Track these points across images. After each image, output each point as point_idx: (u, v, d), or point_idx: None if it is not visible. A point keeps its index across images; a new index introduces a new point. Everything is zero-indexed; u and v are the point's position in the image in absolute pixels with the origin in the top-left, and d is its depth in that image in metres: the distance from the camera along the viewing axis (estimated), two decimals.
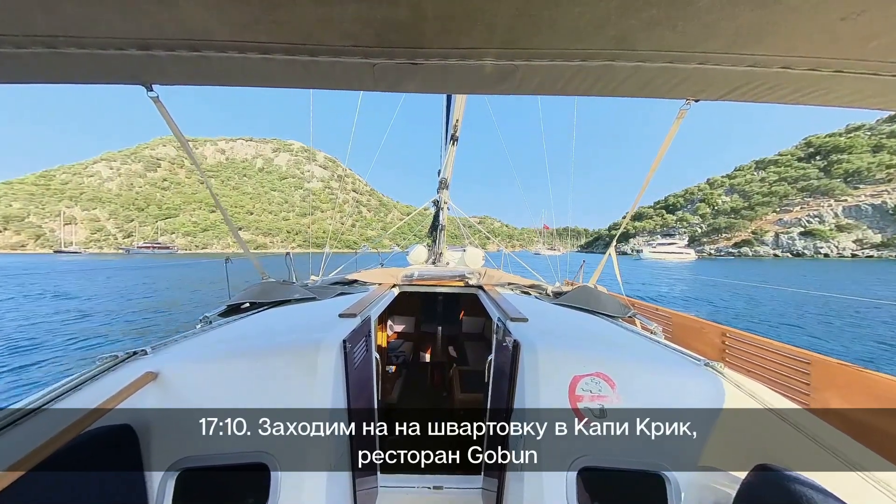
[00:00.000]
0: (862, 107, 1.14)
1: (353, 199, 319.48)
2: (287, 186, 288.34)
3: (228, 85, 1.15)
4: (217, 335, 1.91)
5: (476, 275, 4.04)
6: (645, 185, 2.77)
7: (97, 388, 1.33)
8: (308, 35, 0.91)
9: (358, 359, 1.83)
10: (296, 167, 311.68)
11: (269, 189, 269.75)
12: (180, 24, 0.88)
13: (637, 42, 0.92)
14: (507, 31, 0.91)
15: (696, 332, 3.37)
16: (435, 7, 0.81)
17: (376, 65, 1.00)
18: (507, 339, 1.82)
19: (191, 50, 0.96)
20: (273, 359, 1.57)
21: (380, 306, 2.73)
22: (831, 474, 1.07)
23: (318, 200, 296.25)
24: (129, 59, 0.99)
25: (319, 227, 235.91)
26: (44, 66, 0.99)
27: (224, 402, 1.41)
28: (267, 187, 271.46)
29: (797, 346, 2.56)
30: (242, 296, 2.69)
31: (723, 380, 1.53)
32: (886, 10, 0.76)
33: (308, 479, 1.40)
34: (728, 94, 1.14)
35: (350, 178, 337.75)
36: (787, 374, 2.45)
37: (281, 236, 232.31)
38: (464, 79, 1.08)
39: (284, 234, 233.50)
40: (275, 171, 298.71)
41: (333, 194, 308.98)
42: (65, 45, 0.90)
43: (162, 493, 1.33)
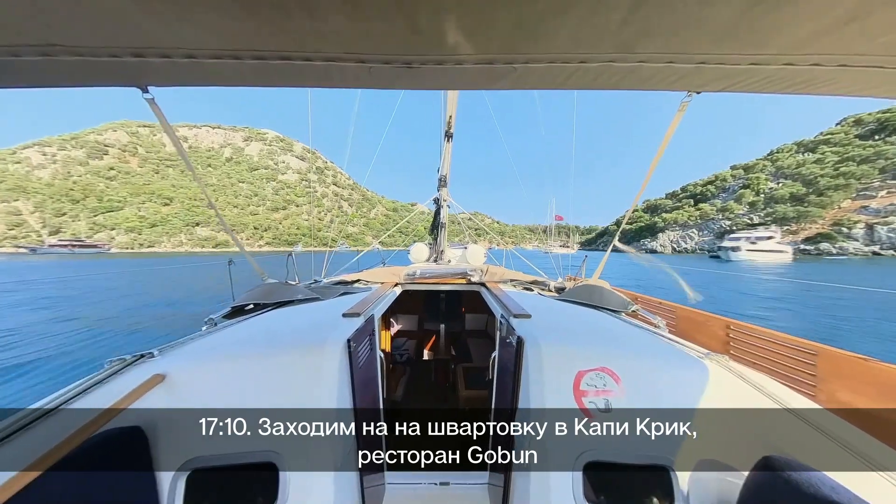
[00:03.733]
0: (867, 96, 1.14)
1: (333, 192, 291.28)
2: (258, 178, 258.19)
3: (224, 85, 1.15)
4: (223, 337, 1.93)
5: (478, 272, 3.97)
6: (647, 178, 2.68)
7: (106, 390, 1.35)
8: (303, 44, 0.91)
9: (362, 357, 1.84)
10: (269, 157, 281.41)
11: (237, 180, 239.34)
12: (174, 34, 0.88)
13: (638, 45, 0.91)
14: (504, 42, 0.91)
15: (701, 324, 3.33)
16: (429, 21, 0.81)
17: (372, 67, 1.01)
18: (510, 336, 1.82)
19: (186, 57, 0.95)
20: (279, 359, 1.58)
21: (383, 305, 2.77)
22: (838, 465, 1.07)
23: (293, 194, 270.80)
24: (124, 64, 0.98)
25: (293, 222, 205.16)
26: (37, 71, 0.98)
27: (231, 403, 1.43)
28: (234, 178, 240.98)
29: (803, 337, 2.52)
30: (246, 297, 2.70)
31: (727, 372, 1.54)
32: (893, 7, 0.75)
33: (316, 478, 1.41)
34: (730, 87, 1.14)
35: (331, 171, 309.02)
36: (793, 365, 2.43)
37: (247, 232, 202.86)
38: (460, 77, 1.08)
39: (251, 230, 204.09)
40: (245, 162, 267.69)
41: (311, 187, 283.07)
42: (59, 52, 0.90)
43: (173, 494, 1.34)
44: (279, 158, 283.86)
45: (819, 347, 2.28)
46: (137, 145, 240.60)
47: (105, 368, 1.48)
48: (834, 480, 0.97)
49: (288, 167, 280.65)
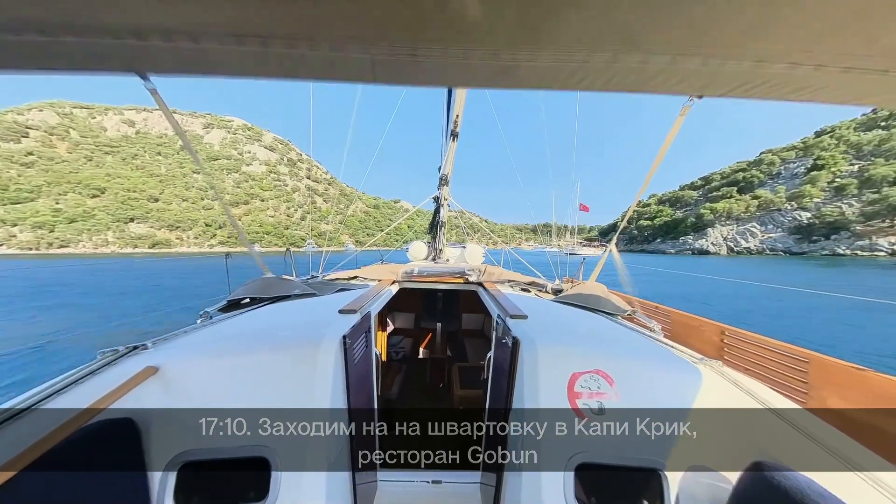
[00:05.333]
0: (870, 104, 1.12)
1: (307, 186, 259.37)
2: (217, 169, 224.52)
3: (225, 76, 1.13)
4: (217, 330, 1.91)
5: (476, 272, 3.97)
6: (647, 180, 2.70)
7: (99, 382, 1.34)
8: (308, 28, 0.91)
9: (358, 354, 1.84)
10: (232, 147, 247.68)
11: (191, 171, 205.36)
12: (177, 13, 0.87)
13: (641, 44, 0.92)
14: (509, 34, 0.91)
15: (696, 330, 3.39)
16: (435, 8, 0.81)
17: (376, 58, 1.00)
18: (506, 336, 1.82)
19: (188, 40, 0.94)
20: (273, 354, 1.57)
21: (380, 302, 2.76)
22: (828, 473, 1.07)
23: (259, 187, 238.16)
24: (124, 47, 0.97)
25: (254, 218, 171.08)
26: (36, 53, 0.97)
27: (224, 397, 1.43)
28: (188, 168, 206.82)
29: (796, 345, 2.57)
30: (242, 291, 2.67)
31: (721, 377, 1.54)
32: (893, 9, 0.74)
33: (307, 474, 1.40)
34: (732, 91, 1.13)
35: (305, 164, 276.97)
36: (786, 372, 2.46)
37: (196, 230, 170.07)
38: (463, 73, 1.08)
39: (201, 227, 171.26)
40: (203, 151, 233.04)
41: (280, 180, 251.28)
42: (58, 31, 0.88)
43: (163, 488, 1.34)
44: (244, 148, 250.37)
45: (811, 355, 2.32)
46: (70, 128, 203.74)
47: (97, 359, 1.46)
48: (822, 486, 0.99)
49: (254, 158, 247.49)
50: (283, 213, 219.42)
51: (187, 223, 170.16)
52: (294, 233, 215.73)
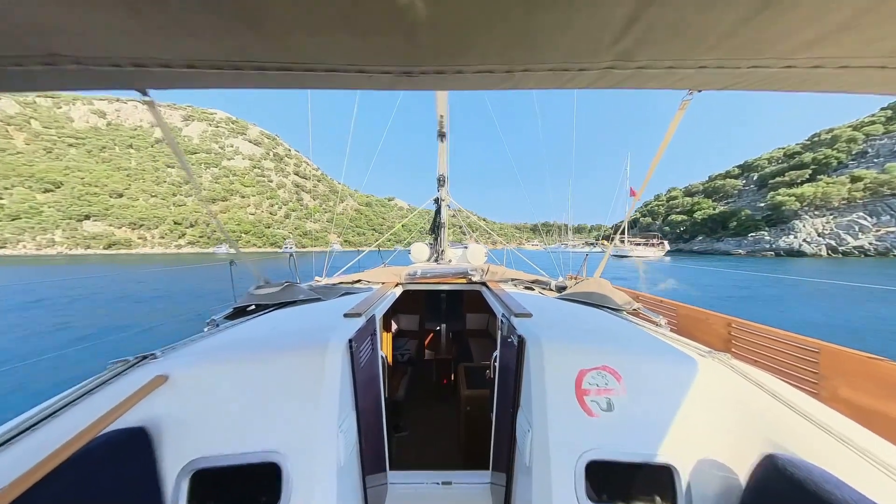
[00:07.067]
0: (870, 93, 1.12)
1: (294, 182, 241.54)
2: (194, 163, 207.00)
3: (224, 88, 1.18)
4: (225, 337, 1.92)
5: (479, 271, 4.00)
6: (648, 176, 2.69)
7: (110, 392, 1.36)
8: (304, 57, 0.94)
9: (364, 357, 1.85)
10: (213, 141, 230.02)
11: (165, 165, 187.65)
12: (175, 47, 0.90)
13: (638, 54, 0.92)
14: (504, 53, 0.92)
15: (702, 323, 3.36)
16: (428, 36, 0.83)
17: (372, 77, 1.04)
18: (511, 335, 1.82)
19: (186, 67, 0.98)
20: (280, 359, 1.58)
21: (384, 305, 2.80)
22: (841, 463, 1.06)
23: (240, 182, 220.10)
24: (124, 72, 1.00)
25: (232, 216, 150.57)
26: (41, 79, 1.01)
27: (234, 404, 1.45)
28: (161, 162, 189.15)
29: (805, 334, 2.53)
30: (247, 298, 2.71)
31: (730, 370, 1.54)
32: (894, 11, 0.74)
33: (318, 478, 1.41)
34: (731, 86, 1.14)
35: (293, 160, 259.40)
36: (795, 362, 2.42)
37: (162, 228, 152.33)
38: (458, 82, 1.10)
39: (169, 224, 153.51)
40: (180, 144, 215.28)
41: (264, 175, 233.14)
42: (62, 62, 0.92)
43: (177, 495, 1.35)
44: (226, 142, 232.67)
45: (821, 345, 2.30)
46: (31, 118, 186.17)
47: (108, 370, 1.48)
48: (837, 478, 0.97)
49: (237, 152, 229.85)
50: (265, 210, 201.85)
51: (153, 221, 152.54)
52: (276, 231, 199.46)
